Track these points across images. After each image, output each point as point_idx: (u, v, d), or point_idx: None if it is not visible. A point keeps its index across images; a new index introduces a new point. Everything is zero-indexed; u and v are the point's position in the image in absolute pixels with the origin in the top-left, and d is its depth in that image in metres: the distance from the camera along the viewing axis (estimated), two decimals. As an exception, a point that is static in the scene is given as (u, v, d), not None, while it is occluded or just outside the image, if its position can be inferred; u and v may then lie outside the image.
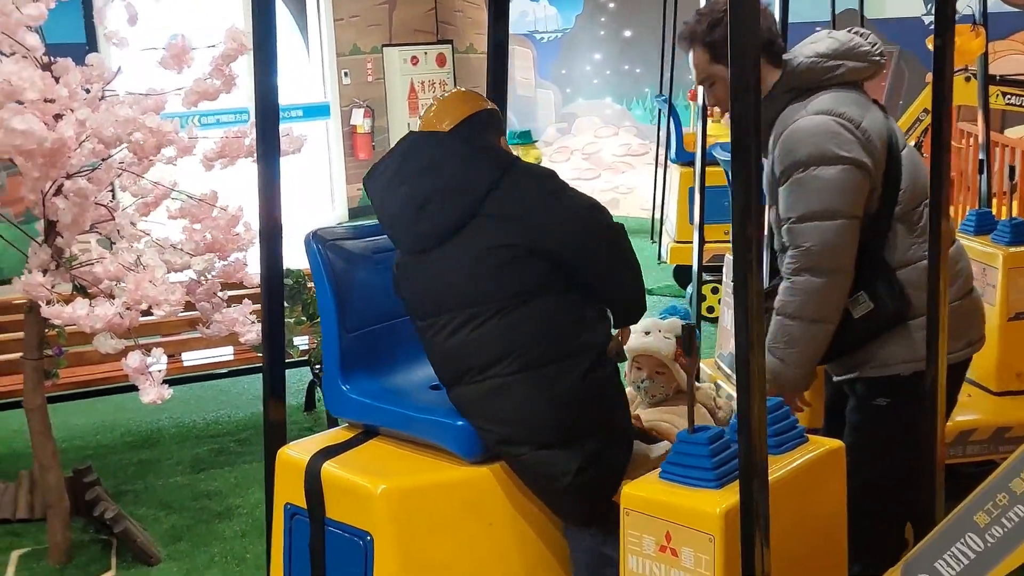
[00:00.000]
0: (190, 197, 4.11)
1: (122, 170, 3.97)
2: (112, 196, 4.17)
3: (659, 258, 8.23)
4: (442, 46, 11.50)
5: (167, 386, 3.67)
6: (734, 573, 1.99)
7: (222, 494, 4.59)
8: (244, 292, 4.62)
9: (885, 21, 8.48)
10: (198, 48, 3.96)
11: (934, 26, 2.31)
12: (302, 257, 2.79)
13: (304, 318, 4.77)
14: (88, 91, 3.80)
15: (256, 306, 3.87)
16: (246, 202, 3.79)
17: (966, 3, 7.36)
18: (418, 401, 2.68)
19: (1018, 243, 4.01)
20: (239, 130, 4.15)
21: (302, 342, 5.00)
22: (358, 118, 11.06)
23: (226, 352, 5.20)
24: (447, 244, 2.53)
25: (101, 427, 5.48)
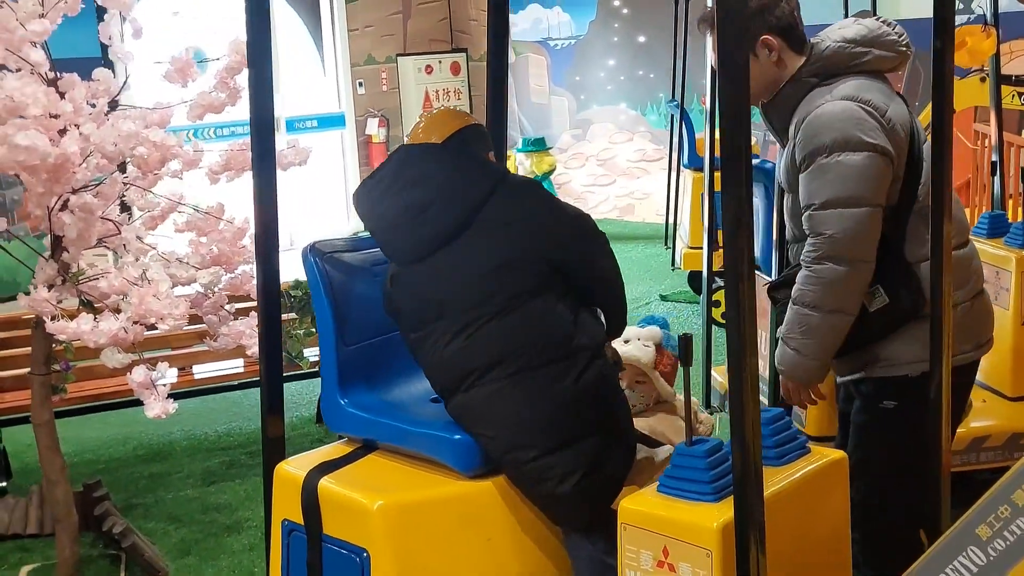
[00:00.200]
0: (196, 210, 4.10)
1: (129, 184, 3.97)
2: (127, 210, 4.16)
3: (673, 264, 8.18)
4: (456, 55, 11.50)
5: (172, 400, 3.66)
6: (733, 588, 1.96)
7: (231, 507, 4.59)
8: (251, 304, 4.61)
9: (900, 22, 8.38)
10: (214, 60, 3.96)
11: (933, 28, 2.27)
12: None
13: (314, 329, 4.77)
14: (94, 106, 3.81)
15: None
16: (252, 214, 3.77)
17: (977, 3, 7.29)
18: (416, 415, 2.66)
19: (1032, 246, 3.96)
20: (244, 142, 4.14)
21: (312, 353, 4.98)
22: (373, 128, 11.06)
23: (237, 364, 5.19)
24: (444, 250, 2.55)
25: (113, 440, 5.49)
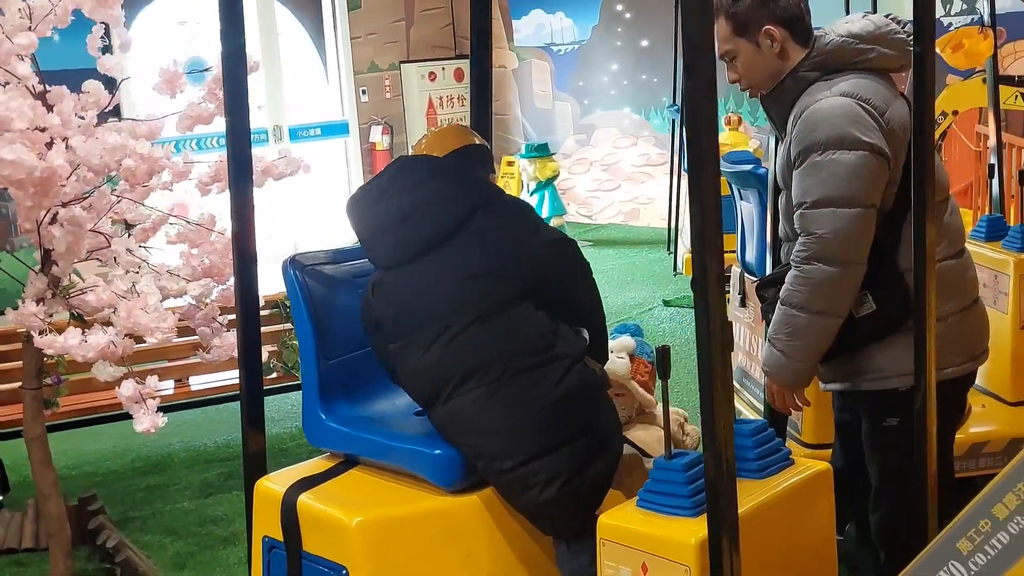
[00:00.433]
0: (187, 222, 4.09)
1: (119, 197, 3.96)
2: (130, 228, 4.16)
3: (675, 269, 8.14)
4: (460, 61, 11.48)
5: (162, 414, 3.65)
6: (711, 605, 1.92)
7: (228, 519, 4.56)
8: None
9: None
10: (207, 70, 3.95)
11: (912, 32, 2.23)
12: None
13: (309, 340, 4.73)
14: (83, 118, 3.79)
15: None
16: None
17: (980, 3, 7.23)
18: (397, 429, 2.64)
19: (1030, 249, 3.90)
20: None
21: (307, 364, 4.95)
22: (377, 135, 11.05)
23: (234, 376, 5.16)
24: (427, 257, 2.56)
25: (111, 453, 5.47)
